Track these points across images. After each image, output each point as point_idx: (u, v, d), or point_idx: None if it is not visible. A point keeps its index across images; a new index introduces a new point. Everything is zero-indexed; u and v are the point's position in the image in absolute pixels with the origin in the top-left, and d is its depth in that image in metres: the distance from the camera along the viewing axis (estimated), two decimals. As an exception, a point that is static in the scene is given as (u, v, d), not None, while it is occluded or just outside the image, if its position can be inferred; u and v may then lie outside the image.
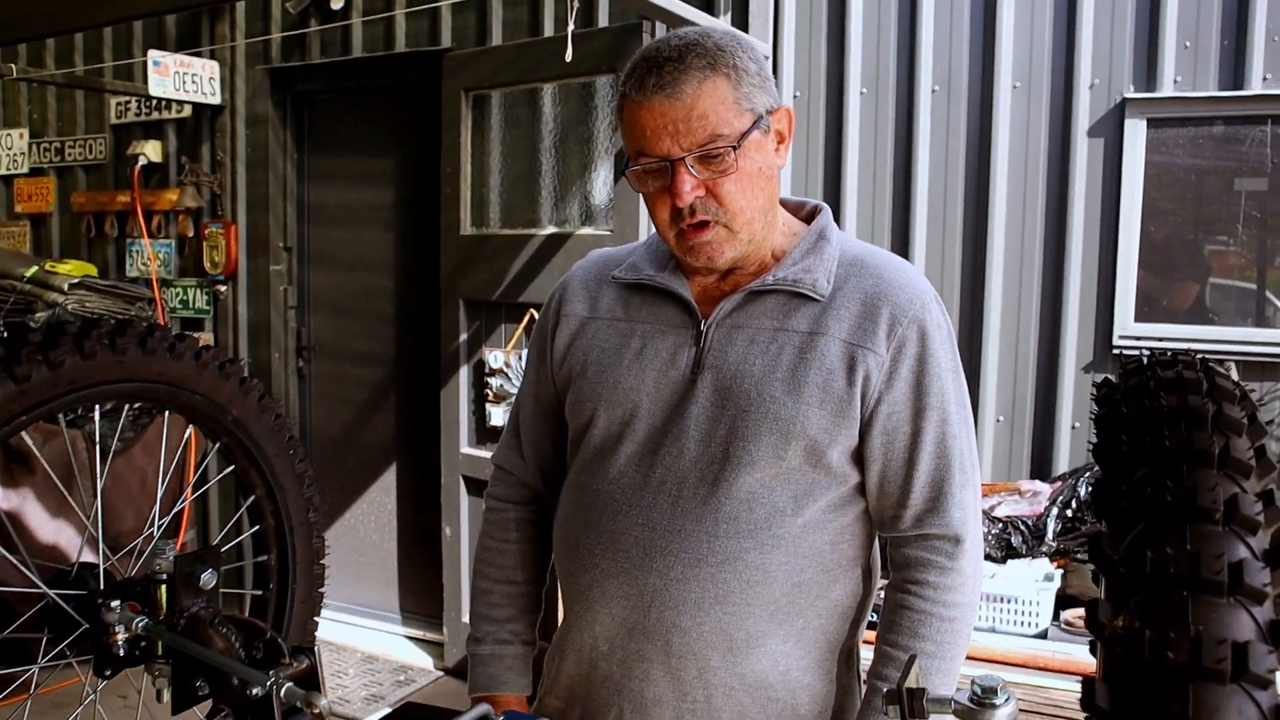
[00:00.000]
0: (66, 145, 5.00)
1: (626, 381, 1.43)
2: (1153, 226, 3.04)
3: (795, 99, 3.44)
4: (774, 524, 1.36)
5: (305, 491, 1.82)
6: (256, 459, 1.74)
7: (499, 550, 1.63)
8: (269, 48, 4.38)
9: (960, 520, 1.39)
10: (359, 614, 4.55)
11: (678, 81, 1.30)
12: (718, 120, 1.31)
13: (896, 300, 1.38)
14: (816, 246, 1.44)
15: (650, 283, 1.47)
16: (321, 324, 4.57)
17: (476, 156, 3.83)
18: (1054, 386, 3.15)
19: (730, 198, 1.34)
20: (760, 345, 1.38)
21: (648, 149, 1.33)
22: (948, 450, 1.39)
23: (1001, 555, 2.77)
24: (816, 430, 1.35)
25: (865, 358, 1.35)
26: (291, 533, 1.82)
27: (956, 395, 1.41)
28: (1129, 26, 3.02)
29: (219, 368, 1.67)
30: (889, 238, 3.33)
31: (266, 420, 1.75)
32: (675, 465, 1.39)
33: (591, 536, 1.43)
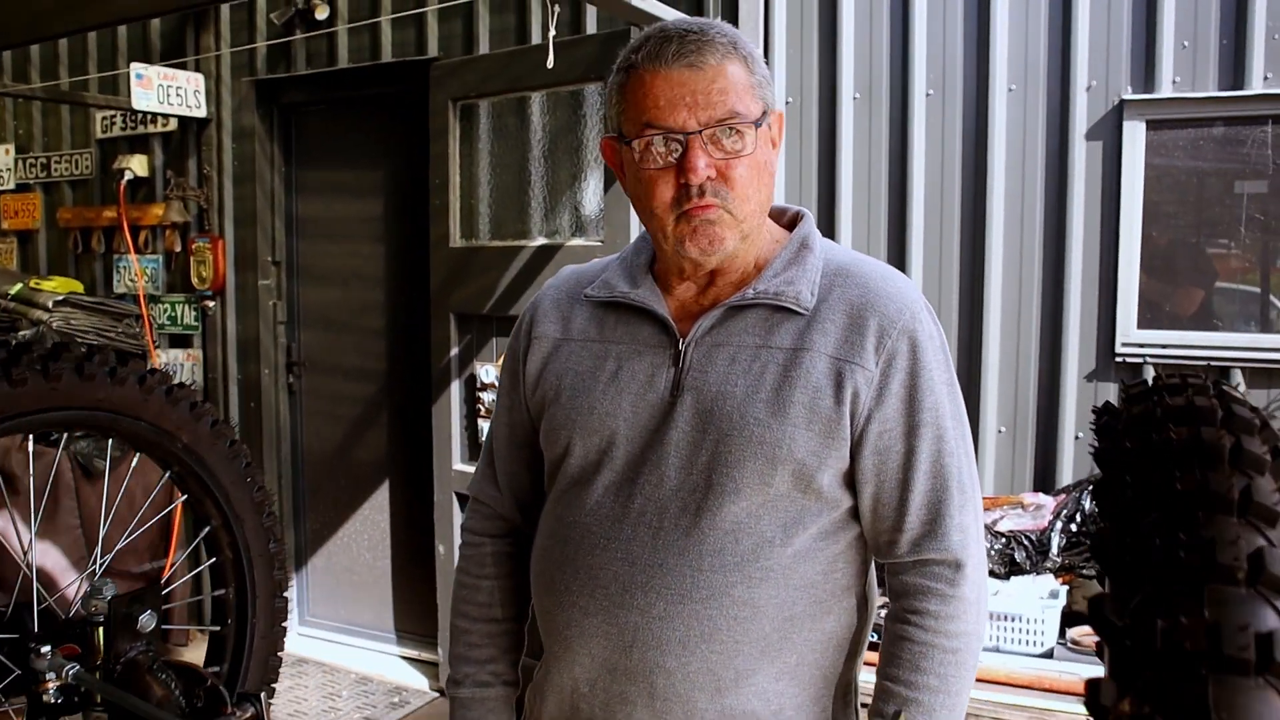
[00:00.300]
0: (53, 160, 4.94)
1: (602, 407, 1.36)
2: (1154, 231, 2.98)
3: (788, 105, 3.38)
4: (762, 555, 1.29)
5: (265, 521, 1.74)
6: (211, 488, 1.67)
7: (476, 587, 1.56)
8: (254, 59, 4.32)
9: (960, 544, 1.32)
10: (353, 634, 4.48)
11: (701, 51, 1.25)
12: (736, 99, 1.26)
13: (884, 310, 1.31)
14: (799, 256, 1.37)
15: (625, 300, 1.40)
16: (312, 339, 4.50)
17: (465, 167, 3.77)
18: (1056, 396, 3.08)
19: (741, 182, 1.27)
20: (742, 364, 1.31)
21: (659, 120, 1.26)
22: (944, 469, 1.32)
23: (1005, 571, 2.70)
24: (804, 453, 1.28)
25: (853, 373, 1.28)
26: (251, 565, 1.74)
27: (952, 409, 1.34)
28: (1126, 27, 2.95)
29: (166, 393, 1.60)
30: (884, 245, 3.26)
31: (221, 447, 1.67)
32: (655, 495, 1.32)
33: (568, 572, 1.36)
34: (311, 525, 4.57)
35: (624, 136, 1.31)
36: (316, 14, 4.04)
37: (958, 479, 1.33)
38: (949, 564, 1.32)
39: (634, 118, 1.29)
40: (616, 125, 1.34)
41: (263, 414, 4.43)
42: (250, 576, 1.74)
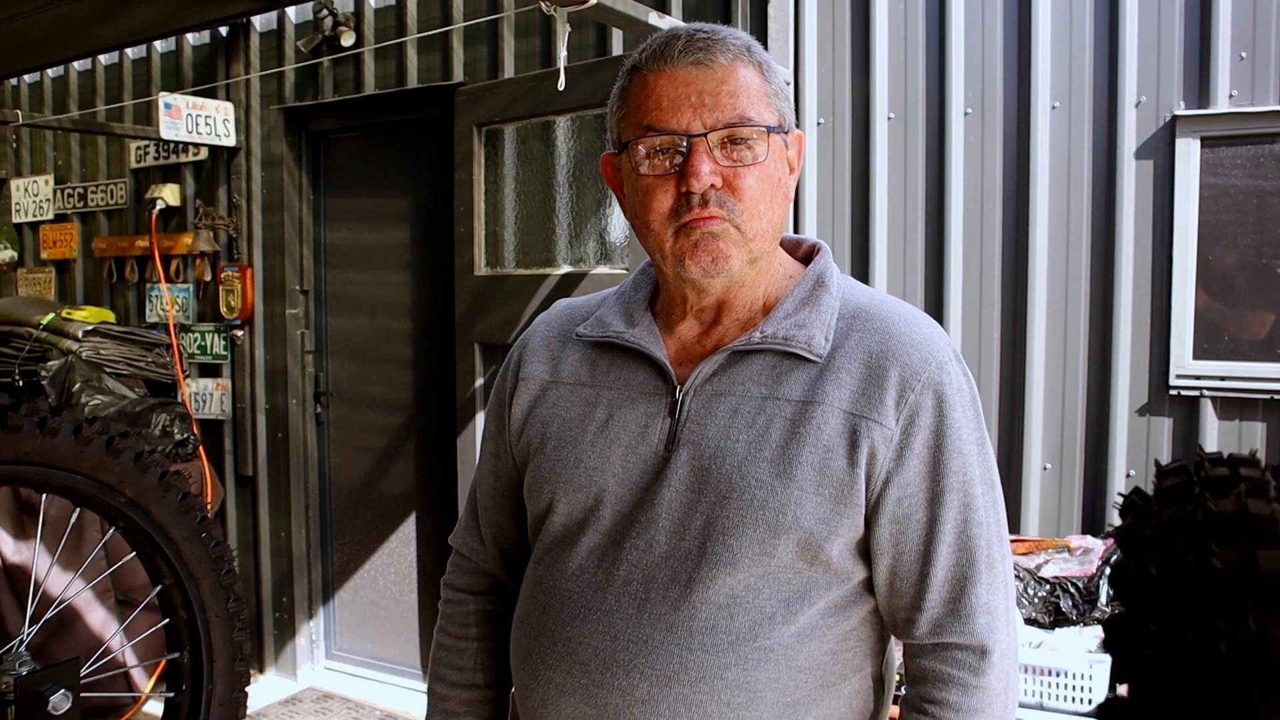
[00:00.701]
0: (89, 191, 4.97)
1: (589, 460, 1.23)
2: (1210, 255, 2.78)
3: (819, 126, 3.24)
4: (760, 634, 1.14)
5: (224, 579, 1.63)
6: (160, 544, 1.56)
7: (457, 649, 1.43)
8: (283, 87, 4.30)
9: (987, 627, 1.16)
10: (378, 669, 4.39)
11: (710, 49, 1.14)
12: (748, 103, 1.14)
13: (907, 360, 1.16)
14: (813, 295, 1.22)
15: (619, 341, 1.26)
16: (339, 369, 4.44)
17: (490, 194, 3.69)
18: (1105, 431, 2.89)
19: (750, 195, 1.14)
20: (745, 417, 1.17)
21: (661, 121, 1.14)
22: (971, 541, 1.17)
23: (1049, 621, 2.51)
24: (812, 521, 1.13)
25: (870, 431, 1.14)
26: (207, 626, 1.62)
27: (982, 473, 1.18)
28: (1177, 38, 2.77)
29: (106, 444, 1.49)
30: (921, 272, 3.10)
31: (171, 500, 1.56)
32: (643, 561, 1.18)
33: (545, 644, 1.23)
34: (338, 558, 4.50)
35: (623, 142, 1.19)
36: (343, 40, 4.00)
37: (986, 553, 1.18)
38: (973, 650, 1.17)
39: (635, 121, 1.17)
40: (617, 136, 1.22)
41: (290, 444, 4.38)
42: (206, 638, 1.62)
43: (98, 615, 2.39)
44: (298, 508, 4.41)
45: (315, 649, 4.51)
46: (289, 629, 4.45)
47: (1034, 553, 2.70)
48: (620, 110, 1.20)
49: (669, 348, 1.25)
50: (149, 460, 1.57)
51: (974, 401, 1.21)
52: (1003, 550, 1.21)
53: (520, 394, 1.33)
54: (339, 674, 4.47)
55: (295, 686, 4.40)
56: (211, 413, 4.52)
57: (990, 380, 3.00)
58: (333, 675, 4.48)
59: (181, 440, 4.17)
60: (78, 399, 4.04)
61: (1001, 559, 1.20)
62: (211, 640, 1.63)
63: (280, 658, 4.49)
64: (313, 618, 4.49)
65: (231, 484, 4.55)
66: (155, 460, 1.59)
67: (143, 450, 1.57)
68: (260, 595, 4.51)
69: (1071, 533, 2.90)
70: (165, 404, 4.21)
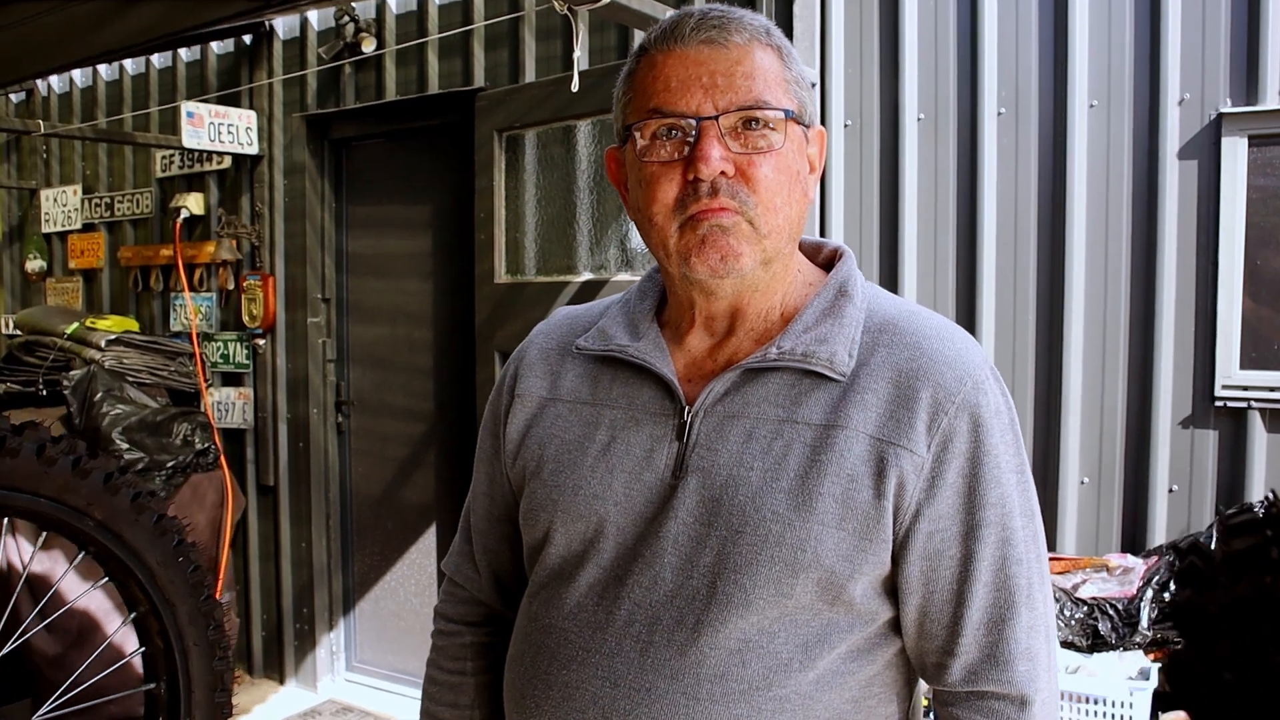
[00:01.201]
0: (116, 200, 4.97)
1: (589, 487, 1.12)
2: (1258, 259, 2.65)
3: (846, 128, 3.14)
4: (776, 682, 1.04)
5: (203, 605, 1.54)
6: (133, 569, 1.48)
7: (451, 685, 1.33)
8: (305, 95, 4.26)
9: (1028, 675, 1.05)
10: (400, 681, 4.32)
11: (726, 28, 1.05)
12: (764, 85, 1.04)
13: (940, 379, 1.05)
14: (835, 306, 1.11)
15: (622, 355, 1.15)
16: (361, 378, 4.40)
17: (510, 200, 3.62)
18: (1146, 444, 2.75)
19: (766, 185, 1.04)
20: (760, 442, 1.06)
21: (668, 103, 1.04)
22: (1010, 580, 1.05)
23: (1087, 645, 2.39)
24: (834, 559, 1.02)
25: (899, 459, 1.03)
26: (185, 655, 1.54)
27: (1022, 504, 1.07)
28: (1223, 32, 2.64)
29: (72, 464, 1.42)
30: (953, 279, 2.99)
31: (145, 523, 1.48)
32: (646, 600, 1.07)
33: (540, 688, 1.12)
34: (359, 568, 4.44)
35: (627, 127, 1.10)
36: (364, 46, 3.96)
37: (1026, 592, 1.06)
38: (1012, 700, 1.06)
39: (640, 105, 1.07)
40: (622, 124, 1.12)
41: (311, 454, 4.33)
42: (185, 668, 1.54)
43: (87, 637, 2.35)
44: (319, 518, 4.36)
45: (336, 661, 4.46)
46: (309, 640, 4.40)
47: (1071, 571, 2.57)
48: (626, 95, 1.11)
49: (677, 363, 1.15)
50: (120, 481, 1.50)
51: (1013, 424, 1.10)
52: (1044, 589, 1.09)
53: (516, 411, 1.23)
54: (359, 686, 4.41)
55: (315, 699, 4.35)
56: (233, 422, 4.49)
57: (1025, 391, 2.87)
58: (353, 687, 4.42)
59: (203, 450, 4.14)
60: (99, 408, 4.02)
61: (1043, 599, 1.09)
62: (190, 670, 1.54)
63: (300, 669, 4.44)
64: (333, 629, 4.44)
65: (253, 494, 4.51)
66: (127, 481, 1.51)
67: (113, 471, 1.49)
68: (281, 606, 4.46)
69: (1110, 551, 2.76)
70: (187, 413, 4.19)
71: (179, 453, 4.08)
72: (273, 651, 4.52)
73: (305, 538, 4.37)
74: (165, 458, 4.03)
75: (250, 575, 4.54)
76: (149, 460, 4.00)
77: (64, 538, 1.47)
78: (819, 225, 3.14)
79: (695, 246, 1.06)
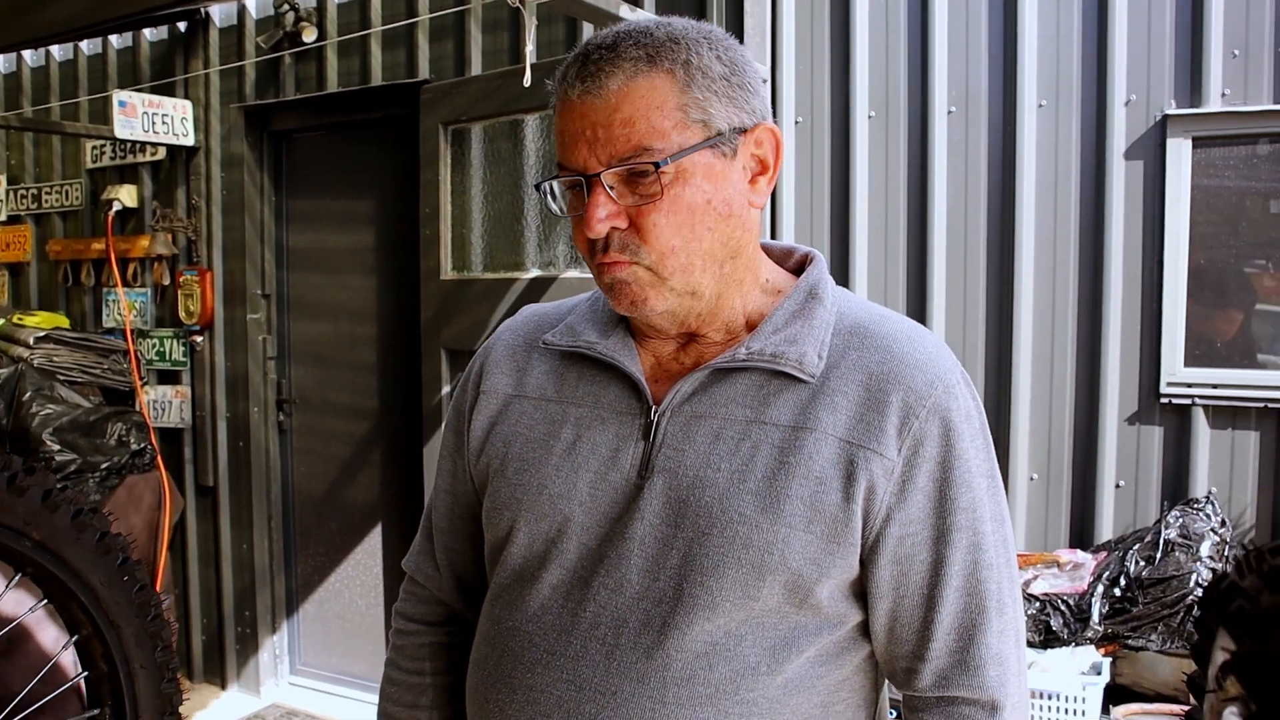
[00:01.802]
0: (44, 191, 4.79)
1: (554, 486, 1.10)
2: (1202, 259, 2.69)
3: (797, 125, 3.13)
4: (743, 686, 1.03)
5: (150, 625, 1.48)
6: (75, 591, 1.41)
7: (409, 685, 1.31)
8: (243, 85, 4.15)
9: (998, 680, 1.05)
10: (344, 684, 4.25)
11: (601, 74, 1.00)
12: (647, 129, 0.99)
13: (911, 383, 1.04)
14: (805, 309, 1.10)
15: (589, 352, 1.14)
16: (302, 375, 4.30)
17: (457, 195, 3.56)
18: (1094, 441, 2.79)
19: (655, 233, 1.02)
20: (728, 443, 1.05)
21: (565, 159, 1.04)
22: (981, 585, 1.05)
23: (1039, 640, 2.41)
24: (801, 561, 1.01)
25: (869, 462, 1.02)
26: (131, 679, 1.47)
27: (993, 509, 1.07)
28: (1169, 35, 2.68)
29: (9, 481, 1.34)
30: (903, 277, 3.00)
31: (87, 542, 1.41)
32: (612, 603, 1.05)
33: (503, 692, 1.10)
34: (302, 570, 4.35)
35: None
36: (305, 36, 3.86)
37: (997, 597, 1.06)
38: (983, 705, 1.06)
39: (556, 153, 1.07)
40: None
41: (252, 453, 4.23)
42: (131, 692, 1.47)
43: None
44: (260, 518, 4.26)
45: (279, 664, 4.36)
46: (251, 644, 4.30)
47: (1022, 568, 2.60)
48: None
49: (644, 362, 1.13)
50: (59, 499, 1.42)
51: (983, 429, 1.10)
52: (1014, 594, 1.09)
53: (481, 408, 1.21)
54: (304, 690, 4.33)
55: (258, 703, 4.26)
56: (170, 421, 4.36)
57: (975, 388, 2.89)
58: (297, 691, 4.33)
59: (139, 450, 4.01)
60: (28, 408, 3.87)
61: (1013, 603, 1.09)
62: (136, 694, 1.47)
63: (243, 674, 4.34)
64: (276, 632, 4.34)
65: (192, 494, 4.39)
66: (67, 498, 1.43)
67: (51, 487, 1.42)
68: (222, 609, 4.35)
69: (1060, 546, 2.80)
70: (122, 413, 4.05)
71: (114, 453, 3.95)
72: (213, 656, 4.41)
73: (246, 539, 4.27)
74: (99, 459, 3.90)
75: (189, 578, 4.43)
76: (82, 462, 3.87)
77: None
78: (770, 223, 3.13)
79: (607, 290, 1.08)
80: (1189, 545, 2.41)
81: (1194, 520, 2.47)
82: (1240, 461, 2.65)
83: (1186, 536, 2.43)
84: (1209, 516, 2.48)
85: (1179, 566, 2.38)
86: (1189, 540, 2.42)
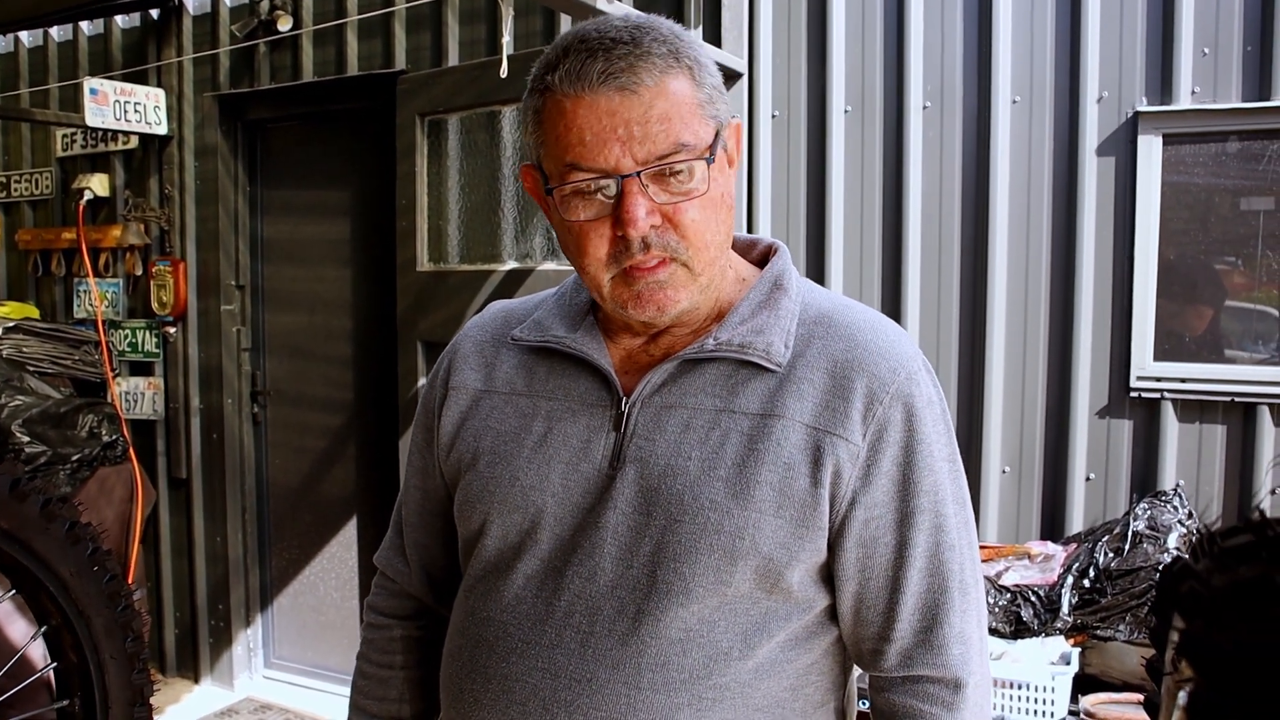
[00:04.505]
0: (12, 180, 4.73)
1: (526, 478, 1.11)
2: (1172, 255, 2.73)
3: (773, 119, 3.14)
4: (715, 671, 1.05)
5: (120, 615, 1.47)
6: (44, 581, 1.39)
7: (379, 678, 1.32)
8: (217, 74, 4.11)
9: (961, 658, 1.08)
10: (319, 677, 4.24)
11: (635, 69, 0.98)
12: (682, 126, 1.00)
13: (875, 370, 1.06)
14: (771, 299, 1.12)
15: (559, 346, 1.15)
16: (277, 367, 4.27)
17: (433, 187, 3.54)
18: (1065, 433, 2.82)
19: (695, 228, 1.02)
20: (698, 432, 1.07)
21: (587, 160, 1.00)
22: (944, 566, 1.08)
23: (1010, 631, 2.44)
24: (771, 546, 1.03)
25: (835, 447, 1.04)
26: (101, 670, 1.46)
27: (954, 492, 1.10)
28: (1140, 33, 2.71)
29: None
30: (879, 269, 3.02)
31: (56, 532, 1.40)
32: (586, 591, 1.07)
33: (479, 682, 1.11)
34: (276, 563, 4.33)
35: (545, 177, 1.05)
36: (280, 24, 3.83)
37: (959, 578, 1.09)
38: (946, 683, 1.08)
39: (556, 155, 1.02)
40: (536, 157, 1.08)
41: (225, 446, 4.20)
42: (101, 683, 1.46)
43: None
44: (234, 511, 4.24)
45: (253, 657, 4.34)
46: (225, 637, 4.28)
47: (994, 560, 2.63)
48: (536, 133, 1.06)
49: (614, 355, 1.15)
50: (28, 488, 1.41)
51: (944, 415, 1.12)
52: (975, 574, 1.12)
53: (450, 404, 1.22)
54: (278, 683, 4.31)
55: (232, 697, 4.24)
56: (143, 413, 4.32)
57: (949, 382, 2.92)
58: (271, 684, 4.32)
59: (110, 442, 3.97)
60: (-3, 399, 3.83)
61: (975, 584, 1.12)
62: (106, 685, 1.46)
63: (216, 667, 4.32)
64: (250, 625, 4.33)
65: (164, 487, 4.36)
66: (35, 487, 1.42)
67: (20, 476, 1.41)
68: (195, 602, 4.33)
69: (1031, 538, 2.83)
70: (93, 404, 4.01)
71: (85, 445, 3.91)
72: (186, 649, 4.38)
73: (220, 532, 4.24)
74: (70, 451, 3.86)
75: (162, 571, 4.40)
76: (52, 454, 3.82)
77: (-33, 551, 1.38)
78: (745, 217, 3.14)
79: (631, 299, 1.06)
80: (1157, 537, 2.44)
81: (1162, 512, 2.51)
82: (1207, 454, 2.69)
83: (1154, 528, 2.46)
84: (1176, 509, 2.51)
85: (1146, 558, 2.41)
86: (1157, 532, 2.45)
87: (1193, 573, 0.60)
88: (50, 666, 1.47)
